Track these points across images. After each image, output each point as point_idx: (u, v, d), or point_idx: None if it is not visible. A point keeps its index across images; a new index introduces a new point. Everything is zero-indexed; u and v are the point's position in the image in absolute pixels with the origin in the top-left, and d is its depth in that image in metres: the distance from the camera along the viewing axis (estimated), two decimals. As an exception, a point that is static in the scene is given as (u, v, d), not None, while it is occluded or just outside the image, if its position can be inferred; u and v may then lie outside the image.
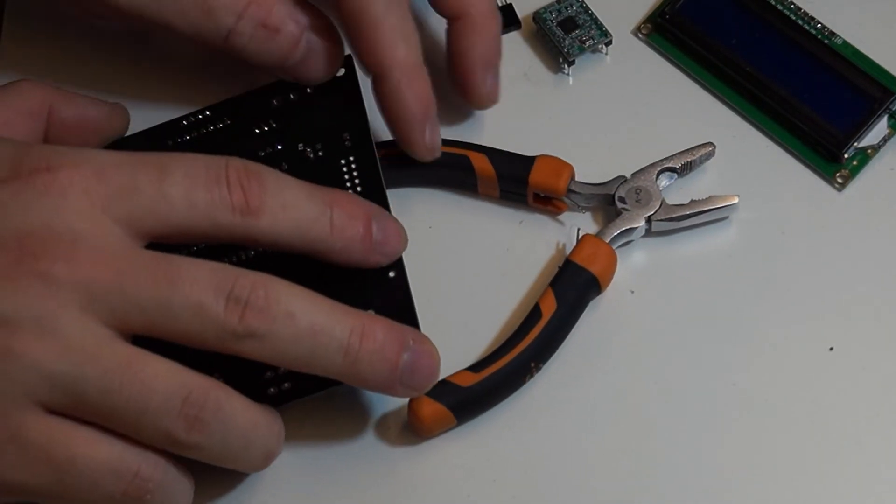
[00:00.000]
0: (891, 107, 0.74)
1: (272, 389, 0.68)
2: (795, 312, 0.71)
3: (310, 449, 0.70)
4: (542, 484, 0.68)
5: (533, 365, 0.69)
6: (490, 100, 0.75)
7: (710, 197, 0.72)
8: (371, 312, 0.67)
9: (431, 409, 0.68)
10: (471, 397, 0.68)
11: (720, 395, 0.69)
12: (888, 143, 0.74)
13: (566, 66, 0.77)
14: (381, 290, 0.69)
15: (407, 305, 0.69)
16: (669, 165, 0.73)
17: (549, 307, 0.70)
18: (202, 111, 0.75)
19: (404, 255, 0.69)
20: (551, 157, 0.73)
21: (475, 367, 0.69)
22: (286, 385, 0.68)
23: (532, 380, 0.70)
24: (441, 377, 0.68)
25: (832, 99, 0.74)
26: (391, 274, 0.69)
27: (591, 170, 0.73)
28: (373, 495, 0.69)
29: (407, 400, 0.68)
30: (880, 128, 0.74)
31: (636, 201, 0.73)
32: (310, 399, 0.68)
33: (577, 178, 0.73)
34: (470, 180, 0.74)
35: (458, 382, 0.68)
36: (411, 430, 0.69)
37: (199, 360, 0.69)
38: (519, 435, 0.69)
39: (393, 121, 0.72)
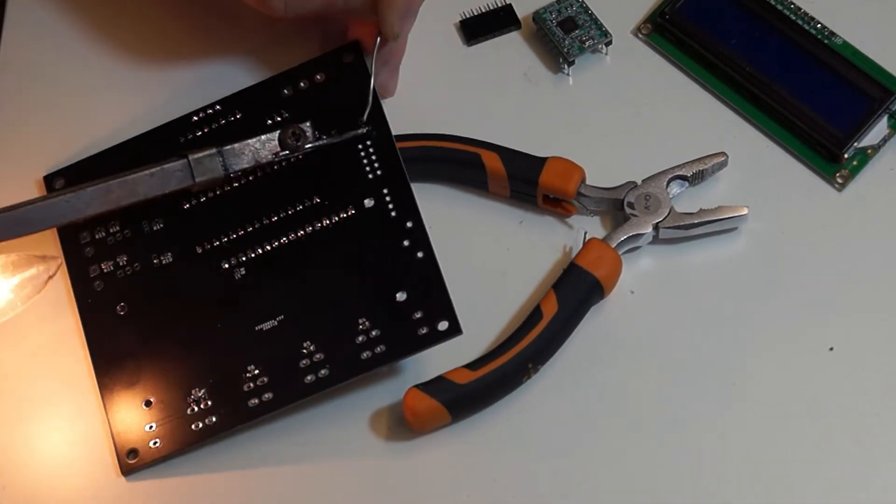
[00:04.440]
0: (890, 107, 0.74)
1: (309, 377, 0.69)
2: (795, 313, 0.71)
3: (305, 444, 0.70)
4: (543, 485, 0.69)
5: (531, 366, 0.69)
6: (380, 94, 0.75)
7: (719, 207, 0.72)
8: None
9: (426, 404, 0.68)
10: (466, 395, 0.68)
11: (720, 396, 0.70)
12: (888, 144, 0.74)
13: (566, 66, 0.77)
14: (411, 269, 0.70)
15: (437, 282, 0.69)
16: (681, 173, 0.73)
17: (550, 309, 0.70)
18: (212, 105, 0.75)
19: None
20: (562, 159, 0.73)
21: (472, 365, 0.69)
22: (323, 372, 0.69)
23: (533, 380, 0.70)
24: (438, 373, 0.68)
25: (832, 99, 0.74)
26: (419, 254, 0.70)
27: (590, 170, 0.74)
28: (368, 491, 0.69)
29: (402, 395, 0.69)
30: (880, 128, 0.74)
31: (645, 207, 0.72)
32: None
33: (586, 182, 0.73)
34: (480, 178, 0.74)
35: (454, 379, 0.69)
36: (406, 424, 0.69)
37: (236, 351, 0.69)
38: (515, 433, 0.70)
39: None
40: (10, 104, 0.79)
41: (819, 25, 0.76)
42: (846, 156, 0.74)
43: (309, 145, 0.72)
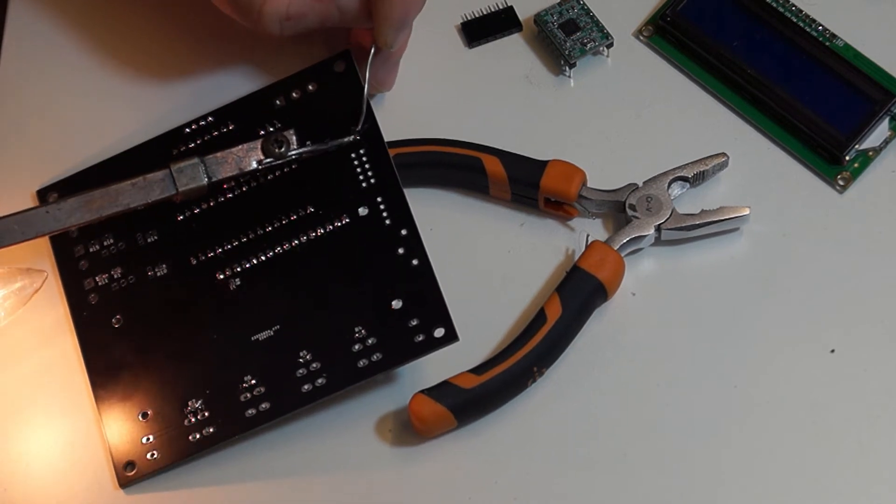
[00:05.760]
0: (892, 109, 0.74)
1: (306, 386, 0.69)
2: (796, 315, 0.71)
3: (310, 451, 0.70)
4: (544, 486, 0.68)
5: (536, 369, 0.69)
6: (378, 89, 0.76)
7: (721, 207, 0.72)
8: None
9: (432, 409, 0.68)
10: (472, 399, 0.68)
11: (722, 398, 0.70)
12: (889, 146, 0.75)
13: (567, 68, 0.77)
14: (407, 277, 0.70)
15: (433, 289, 0.69)
16: (682, 174, 0.73)
17: (554, 312, 0.70)
18: (204, 117, 0.75)
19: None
20: (563, 161, 0.73)
21: (478, 370, 0.69)
22: (319, 381, 0.69)
23: (537, 383, 0.70)
24: (443, 378, 0.68)
25: (833, 101, 0.74)
26: (414, 262, 0.70)
27: (591, 172, 0.73)
28: (374, 496, 0.69)
29: (408, 401, 0.68)
30: (881, 130, 0.74)
31: (647, 209, 0.72)
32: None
33: (588, 184, 0.73)
34: (482, 182, 0.74)
35: (459, 384, 0.68)
36: (412, 430, 0.69)
37: (232, 362, 0.69)
38: (521, 437, 0.70)
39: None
40: (4, 119, 0.78)
41: (820, 28, 0.76)
42: (847, 158, 0.74)
43: (293, 153, 0.72)
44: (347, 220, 0.72)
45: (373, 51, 0.72)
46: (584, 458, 0.69)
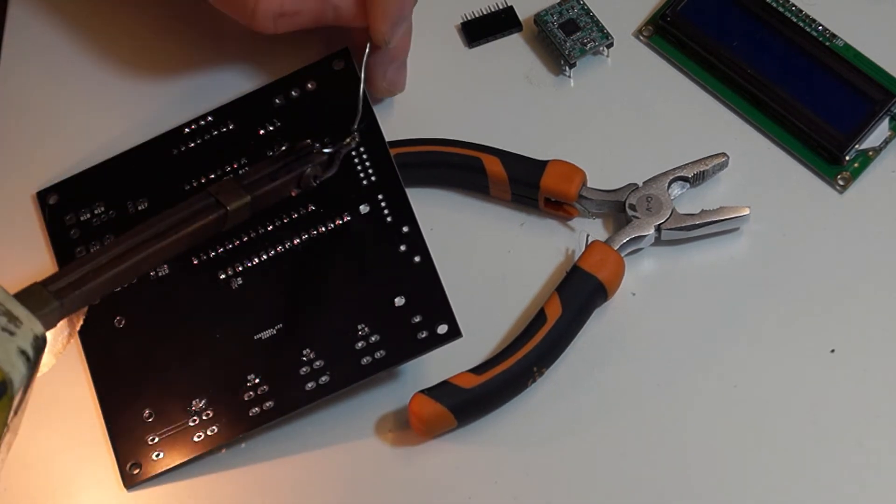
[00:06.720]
0: (892, 109, 0.74)
1: (310, 384, 0.69)
2: (796, 314, 0.71)
3: (310, 451, 0.70)
4: (544, 486, 0.69)
5: (536, 369, 0.69)
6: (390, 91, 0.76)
7: (721, 207, 0.72)
8: None
9: (432, 409, 0.68)
10: (472, 399, 0.68)
11: (722, 398, 0.70)
12: (889, 146, 0.74)
13: (567, 68, 0.77)
14: (410, 274, 0.70)
15: (435, 286, 0.69)
16: (682, 174, 0.73)
17: (554, 312, 0.70)
18: (203, 117, 0.75)
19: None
20: (563, 161, 0.73)
21: (478, 370, 0.69)
22: (323, 379, 0.69)
23: (537, 384, 0.70)
24: (443, 378, 0.68)
25: (833, 101, 0.74)
26: (416, 259, 0.70)
27: (591, 172, 0.73)
28: (374, 497, 0.69)
29: (407, 400, 0.68)
30: (881, 130, 0.74)
31: (647, 209, 0.72)
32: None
33: (588, 184, 0.73)
34: (482, 182, 0.74)
35: (459, 384, 0.68)
36: (412, 430, 0.69)
37: (235, 361, 0.69)
38: (521, 437, 0.70)
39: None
40: (4, 119, 0.78)
41: (820, 28, 0.76)
42: (847, 158, 0.74)
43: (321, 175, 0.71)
44: (348, 218, 0.72)
45: (367, 49, 0.72)
46: (583, 458, 0.69)
